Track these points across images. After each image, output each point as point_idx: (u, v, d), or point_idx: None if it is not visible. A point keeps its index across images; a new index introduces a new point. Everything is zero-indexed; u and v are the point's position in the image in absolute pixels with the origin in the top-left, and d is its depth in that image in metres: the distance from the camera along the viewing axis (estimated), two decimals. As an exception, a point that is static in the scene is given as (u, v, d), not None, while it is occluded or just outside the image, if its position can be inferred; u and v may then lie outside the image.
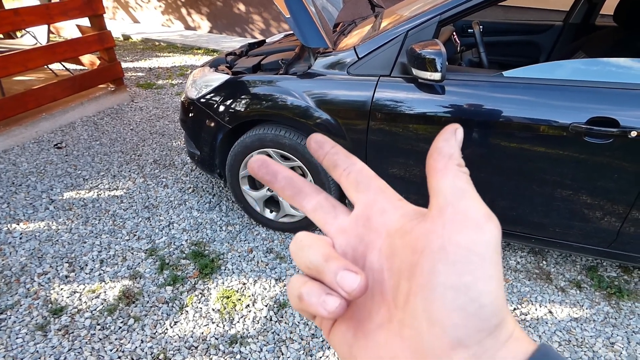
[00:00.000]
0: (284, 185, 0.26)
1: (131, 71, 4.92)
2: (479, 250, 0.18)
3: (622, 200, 1.66)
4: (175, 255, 2.16)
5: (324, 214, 0.26)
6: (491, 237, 0.19)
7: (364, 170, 0.26)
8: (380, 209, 0.24)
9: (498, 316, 0.18)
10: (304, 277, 0.23)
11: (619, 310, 1.91)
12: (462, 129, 0.22)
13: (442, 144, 0.22)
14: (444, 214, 0.19)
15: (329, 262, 0.21)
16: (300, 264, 0.23)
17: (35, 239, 2.24)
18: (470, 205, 0.19)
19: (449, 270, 0.18)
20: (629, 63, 1.59)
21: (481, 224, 0.19)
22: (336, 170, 0.26)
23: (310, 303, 0.21)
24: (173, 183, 2.76)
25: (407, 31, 1.76)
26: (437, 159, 0.21)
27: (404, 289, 0.20)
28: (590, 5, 2.65)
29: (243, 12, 6.10)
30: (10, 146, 3.14)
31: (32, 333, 1.73)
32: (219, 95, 2.14)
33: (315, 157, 0.27)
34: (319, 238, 0.24)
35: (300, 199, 0.26)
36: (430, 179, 0.21)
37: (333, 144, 0.27)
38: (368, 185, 0.25)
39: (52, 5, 3.29)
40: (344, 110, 1.86)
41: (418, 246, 0.20)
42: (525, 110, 1.63)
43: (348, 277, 0.20)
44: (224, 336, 1.75)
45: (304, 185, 0.27)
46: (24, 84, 3.91)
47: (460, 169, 0.21)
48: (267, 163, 0.27)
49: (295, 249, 0.24)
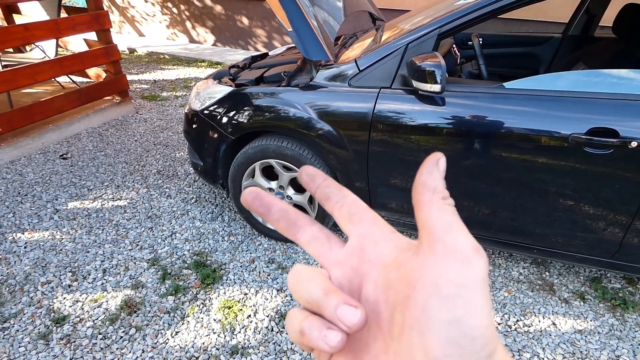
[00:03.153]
0: (278, 217, 0.27)
1: (136, 83, 4.99)
2: (469, 284, 0.19)
3: (624, 210, 1.66)
4: (177, 265, 2.17)
5: (319, 246, 0.26)
6: (479, 270, 0.19)
7: (356, 203, 0.26)
8: (374, 241, 0.24)
9: (489, 346, 0.19)
10: (303, 311, 0.23)
11: (624, 323, 1.89)
12: (444, 159, 0.22)
13: (425, 177, 0.22)
14: (434, 249, 0.20)
15: (328, 297, 0.21)
16: (299, 298, 0.23)
17: (40, 248, 2.25)
18: (458, 240, 0.20)
19: (441, 305, 0.19)
20: (629, 74, 1.60)
21: (469, 258, 0.19)
22: (329, 202, 0.26)
23: (311, 338, 0.21)
24: (176, 193, 2.78)
25: (408, 44, 1.78)
26: (421, 193, 0.22)
27: (399, 321, 0.21)
28: (590, 17, 2.67)
29: (246, 26, 6.19)
30: (17, 157, 3.18)
31: (35, 342, 1.73)
32: (222, 107, 2.17)
33: (307, 189, 0.27)
34: (317, 271, 0.24)
35: (294, 231, 0.27)
36: (417, 212, 0.22)
37: (325, 176, 0.27)
38: (361, 217, 0.25)
39: (61, 21, 3.36)
40: (345, 121, 1.88)
41: (412, 279, 0.20)
42: (525, 121, 1.64)
43: (348, 312, 0.21)
44: (225, 347, 1.75)
45: (298, 217, 0.27)
46: (32, 96, 3.98)
47: (445, 202, 0.21)
48: (261, 195, 0.27)
49: (293, 281, 0.24)
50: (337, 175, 2.04)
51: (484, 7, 1.66)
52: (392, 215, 2.03)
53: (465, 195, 1.86)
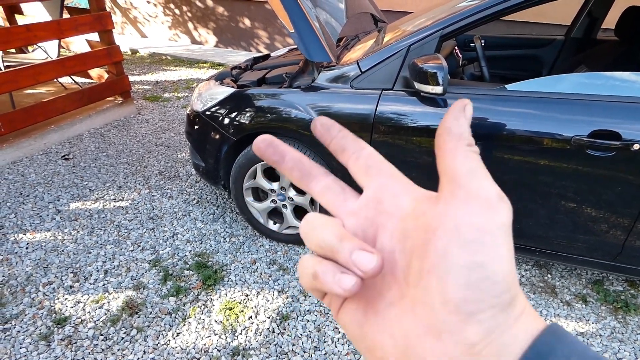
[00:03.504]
0: (291, 166, 0.26)
1: (138, 84, 5.00)
2: (491, 230, 0.18)
3: (626, 213, 1.65)
4: (178, 266, 2.17)
5: (333, 196, 0.25)
6: (503, 217, 0.19)
7: (373, 155, 0.25)
8: (391, 193, 0.24)
9: (510, 293, 0.18)
10: (316, 257, 0.22)
11: (626, 325, 1.88)
12: (471, 105, 0.22)
13: (450, 122, 0.21)
14: (456, 195, 0.19)
15: (343, 242, 0.21)
16: (311, 244, 0.23)
17: (41, 249, 2.26)
18: (482, 186, 0.19)
19: (462, 250, 0.18)
20: (631, 77, 1.60)
21: (493, 204, 0.19)
22: (344, 154, 0.25)
23: (325, 281, 0.21)
24: (178, 194, 2.79)
25: (410, 46, 1.78)
26: (446, 139, 0.21)
27: (416, 267, 0.20)
28: (592, 19, 2.67)
29: (248, 27, 6.20)
30: (19, 157, 3.19)
31: (36, 343, 1.74)
32: (224, 108, 2.17)
33: (322, 141, 0.26)
34: (331, 219, 0.23)
35: (308, 181, 0.26)
36: (440, 159, 0.21)
37: (340, 127, 0.26)
38: (379, 170, 0.25)
39: (63, 21, 3.37)
40: (347, 122, 1.88)
41: (431, 226, 0.20)
42: (527, 123, 1.64)
43: (364, 257, 0.20)
44: (226, 348, 1.75)
45: (313, 167, 0.26)
46: (34, 97, 3.98)
47: (470, 149, 0.21)
48: (275, 143, 0.26)
49: (307, 229, 0.23)
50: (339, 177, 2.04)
51: (486, 9, 1.67)
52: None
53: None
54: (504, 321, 0.18)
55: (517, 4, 1.62)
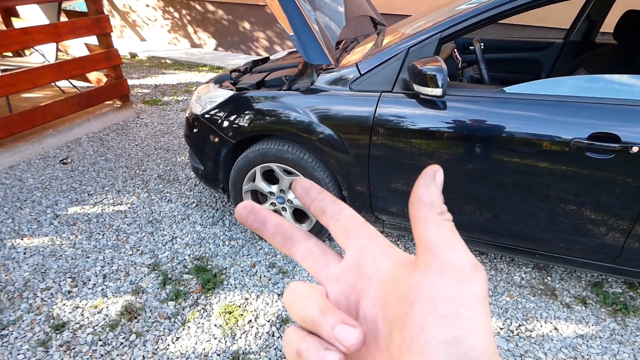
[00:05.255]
0: (273, 232, 0.26)
1: (137, 88, 4.99)
2: (468, 303, 0.18)
3: (626, 215, 1.65)
4: (178, 270, 2.16)
5: (315, 261, 0.25)
6: (478, 288, 0.19)
7: (353, 217, 0.25)
8: (371, 256, 0.24)
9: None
10: (300, 330, 0.22)
11: (625, 327, 1.88)
12: (441, 172, 0.22)
13: (421, 191, 0.21)
14: (431, 265, 0.20)
15: (325, 316, 0.21)
16: (295, 316, 0.23)
17: (39, 254, 2.24)
18: (456, 257, 0.20)
19: (439, 324, 0.18)
20: (630, 80, 1.60)
21: (467, 275, 0.19)
22: (324, 216, 0.26)
23: (309, 359, 0.21)
24: (177, 198, 2.78)
25: (409, 48, 1.79)
26: (417, 208, 0.21)
27: (397, 340, 0.20)
28: (591, 23, 2.68)
29: (248, 30, 6.21)
30: (17, 162, 3.18)
31: (34, 349, 1.72)
32: (223, 111, 2.17)
33: (302, 202, 0.26)
34: (313, 288, 0.24)
35: (289, 246, 0.26)
36: (414, 228, 0.21)
37: (319, 189, 0.26)
38: (358, 232, 0.25)
39: (61, 25, 3.37)
40: (346, 125, 1.88)
41: (409, 297, 0.20)
42: (526, 125, 1.65)
43: (346, 332, 0.20)
44: (225, 352, 1.74)
45: (293, 232, 0.26)
46: (32, 101, 3.97)
47: (442, 218, 0.21)
48: (256, 210, 0.26)
49: (289, 300, 0.23)
50: (337, 179, 2.04)
51: (485, 12, 1.67)
52: (393, 219, 2.02)
53: (467, 199, 1.85)
54: None
55: (516, 7, 1.62)
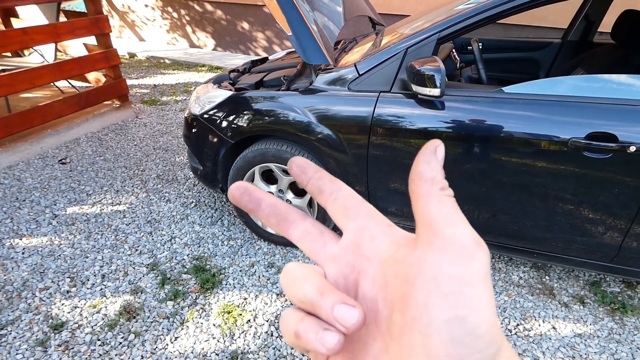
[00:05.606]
0: (268, 213, 0.25)
1: (136, 88, 4.99)
2: (471, 280, 0.18)
3: (623, 214, 1.66)
4: (176, 270, 2.16)
5: (312, 242, 0.25)
6: (481, 265, 0.18)
7: (351, 196, 0.25)
8: (370, 235, 0.23)
9: (494, 345, 0.18)
10: (298, 311, 0.22)
11: (623, 326, 1.89)
12: (442, 146, 0.21)
13: (422, 167, 0.21)
14: (432, 242, 0.19)
15: (324, 296, 0.20)
16: (292, 298, 0.22)
17: (38, 253, 2.24)
18: (458, 233, 0.19)
19: (442, 303, 0.18)
20: (627, 79, 1.61)
21: (470, 251, 0.18)
22: (322, 195, 0.25)
23: (308, 340, 0.20)
24: (176, 198, 2.78)
25: (407, 48, 1.79)
26: (418, 184, 0.21)
27: (398, 320, 0.20)
28: (588, 22, 2.69)
29: (246, 30, 6.21)
30: (15, 162, 3.18)
31: (32, 349, 1.72)
32: (222, 111, 2.17)
33: (298, 182, 0.26)
34: (311, 268, 0.23)
35: (286, 227, 0.25)
36: (414, 205, 0.21)
37: (316, 168, 0.25)
38: (357, 211, 0.24)
39: (60, 25, 3.36)
40: (345, 125, 1.89)
41: (410, 276, 0.20)
42: (525, 125, 1.65)
43: (346, 312, 0.20)
44: (224, 352, 1.74)
45: (289, 212, 0.25)
46: (31, 101, 3.97)
47: (444, 193, 0.20)
48: (250, 190, 0.25)
49: (286, 281, 0.23)
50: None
51: (483, 12, 1.67)
52: (392, 219, 2.03)
53: (465, 199, 1.86)
54: None
55: (514, 7, 1.63)
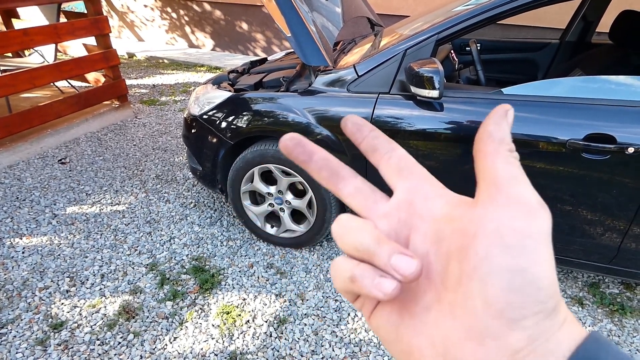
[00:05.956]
0: (320, 166, 0.25)
1: (135, 88, 4.99)
2: (533, 236, 0.18)
3: (622, 216, 1.66)
4: (175, 270, 2.16)
5: (363, 199, 0.25)
6: (544, 223, 0.19)
7: (406, 156, 0.25)
8: (423, 195, 0.23)
9: (554, 299, 0.18)
10: (351, 259, 0.22)
11: (622, 328, 1.89)
12: (513, 111, 0.21)
13: (492, 127, 0.21)
14: (496, 199, 0.19)
15: (381, 245, 0.20)
16: (346, 246, 0.22)
17: (38, 253, 2.25)
18: (523, 192, 0.19)
19: (504, 254, 0.18)
20: (626, 80, 1.61)
21: (535, 210, 0.19)
22: (376, 154, 0.25)
23: (363, 285, 0.20)
24: (175, 198, 2.78)
25: (406, 50, 1.79)
26: (487, 143, 0.21)
27: (455, 271, 0.20)
28: (586, 23, 2.69)
29: (246, 31, 6.21)
30: (16, 161, 3.18)
31: (32, 348, 1.73)
32: (221, 111, 2.17)
33: (352, 139, 0.25)
34: (364, 220, 0.23)
35: (336, 181, 0.25)
36: (479, 163, 0.21)
37: (372, 127, 0.26)
38: (411, 172, 0.24)
39: (60, 26, 3.37)
40: (344, 126, 1.89)
41: (469, 230, 0.20)
42: (523, 126, 1.65)
43: (403, 261, 0.20)
44: (223, 352, 1.74)
45: (341, 168, 0.25)
46: (31, 101, 3.97)
47: (511, 154, 0.20)
48: (303, 142, 0.25)
49: (340, 231, 0.23)
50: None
51: (482, 14, 1.68)
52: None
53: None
54: (548, 328, 0.18)
55: (512, 8, 1.63)
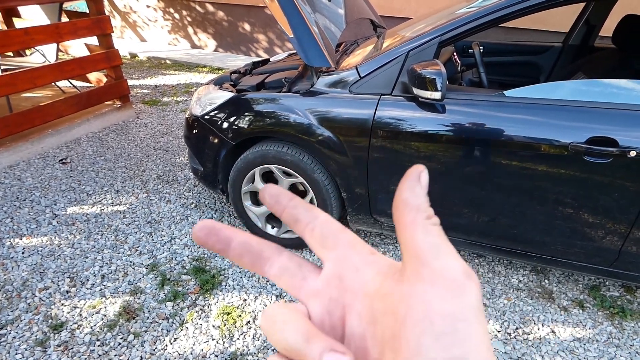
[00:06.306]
0: (240, 252, 0.24)
1: (137, 88, 5.00)
2: (465, 316, 0.17)
3: (623, 219, 1.66)
4: (176, 271, 2.16)
5: (291, 278, 0.23)
6: (473, 298, 0.18)
7: (329, 223, 0.23)
8: (352, 267, 0.22)
9: None
10: (281, 358, 0.21)
11: (622, 331, 1.89)
12: (426, 172, 0.21)
13: (406, 194, 0.20)
14: (420, 274, 0.18)
15: (310, 343, 0.19)
16: (276, 344, 0.21)
17: (38, 253, 2.24)
18: (447, 265, 0.18)
19: (436, 344, 0.17)
20: (628, 84, 1.61)
21: (461, 284, 0.18)
22: (298, 225, 0.24)
23: None
24: (176, 198, 2.78)
25: (408, 51, 1.79)
26: (403, 213, 0.20)
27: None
28: (589, 27, 2.69)
29: (248, 32, 6.22)
30: (16, 161, 3.18)
31: (32, 349, 1.72)
32: (223, 112, 2.17)
33: (273, 212, 0.24)
34: (293, 309, 0.22)
35: (261, 265, 0.24)
36: (399, 233, 0.20)
37: (291, 195, 0.24)
38: (336, 240, 0.23)
39: (62, 25, 3.37)
40: (345, 127, 1.89)
41: (399, 313, 0.19)
42: (525, 129, 1.65)
43: (336, 359, 0.18)
44: (223, 353, 1.74)
45: (262, 249, 0.24)
46: (32, 101, 3.97)
47: (430, 222, 0.19)
48: (216, 229, 0.23)
49: (267, 327, 0.21)
50: (337, 181, 2.04)
51: (485, 16, 1.68)
52: (391, 222, 2.02)
53: (465, 202, 1.86)
54: None
55: (515, 11, 1.63)
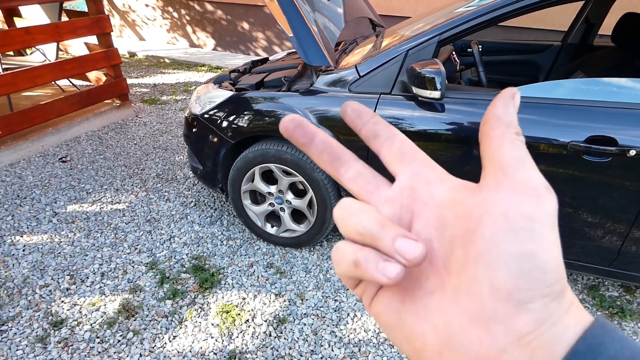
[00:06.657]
0: (321, 149, 0.24)
1: (136, 87, 5.00)
2: (540, 219, 0.18)
3: (623, 218, 1.66)
4: (175, 269, 2.16)
5: (365, 184, 0.24)
6: (551, 206, 0.19)
7: (407, 141, 0.25)
8: (426, 181, 0.23)
9: (561, 283, 0.18)
10: (354, 244, 0.21)
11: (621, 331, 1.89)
12: (519, 94, 0.22)
13: (500, 110, 0.21)
14: (503, 184, 0.19)
15: (385, 229, 0.20)
16: (349, 230, 0.22)
17: (38, 251, 2.25)
18: (530, 176, 0.19)
19: (511, 238, 0.18)
20: (627, 83, 1.61)
21: (542, 194, 0.19)
22: (377, 140, 0.25)
23: (367, 269, 0.20)
24: (175, 197, 2.78)
25: (408, 50, 1.79)
26: (493, 126, 0.21)
27: (459, 256, 0.20)
28: (589, 25, 2.69)
29: (247, 31, 6.22)
30: (17, 160, 3.18)
31: (32, 345, 1.73)
32: (222, 111, 2.17)
33: (352, 126, 0.25)
34: (367, 204, 0.23)
35: (338, 165, 0.25)
36: (485, 147, 0.21)
37: (372, 112, 0.25)
38: (413, 157, 0.24)
39: (62, 24, 3.37)
40: (345, 126, 1.89)
41: (474, 214, 0.20)
42: (524, 128, 1.65)
43: (408, 245, 0.19)
44: (222, 351, 1.74)
45: (343, 152, 0.25)
46: (32, 99, 3.98)
47: (518, 138, 0.20)
48: (304, 124, 0.24)
49: (342, 214, 0.22)
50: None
51: (484, 15, 1.68)
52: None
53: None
54: (555, 311, 0.18)
55: (514, 10, 1.63)
